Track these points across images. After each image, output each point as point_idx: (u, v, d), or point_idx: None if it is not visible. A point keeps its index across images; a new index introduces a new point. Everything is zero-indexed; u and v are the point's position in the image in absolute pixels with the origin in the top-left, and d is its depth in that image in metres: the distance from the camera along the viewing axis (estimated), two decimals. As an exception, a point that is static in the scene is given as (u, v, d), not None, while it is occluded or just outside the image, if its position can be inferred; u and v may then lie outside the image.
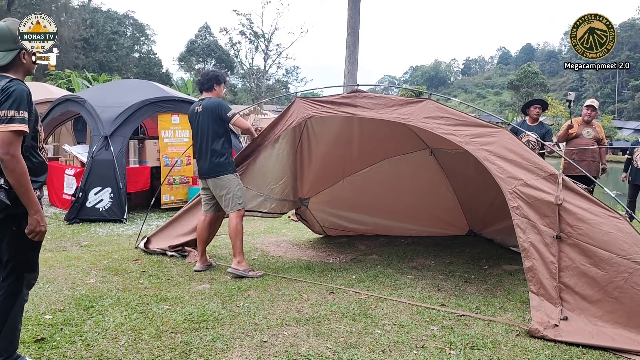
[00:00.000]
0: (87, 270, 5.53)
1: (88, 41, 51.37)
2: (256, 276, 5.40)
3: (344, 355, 3.54)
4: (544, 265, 4.09)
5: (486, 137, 4.49)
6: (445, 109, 4.77)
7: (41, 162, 3.08)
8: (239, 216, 5.49)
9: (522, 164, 4.28)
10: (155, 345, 3.63)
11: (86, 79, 27.82)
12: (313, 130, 6.61)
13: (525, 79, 63.27)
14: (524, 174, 4.25)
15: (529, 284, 4.15)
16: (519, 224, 4.21)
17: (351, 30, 18.10)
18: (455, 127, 4.64)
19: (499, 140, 4.43)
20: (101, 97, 9.57)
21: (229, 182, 5.45)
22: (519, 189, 4.23)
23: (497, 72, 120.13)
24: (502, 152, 4.37)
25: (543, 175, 4.18)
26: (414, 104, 4.91)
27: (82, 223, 8.19)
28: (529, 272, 4.15)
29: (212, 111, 5.45)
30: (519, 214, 4.22)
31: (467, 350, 3.65)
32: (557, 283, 4.02)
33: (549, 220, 4.10)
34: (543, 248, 4.11)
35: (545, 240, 4.11)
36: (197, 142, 5.58)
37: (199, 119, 5.52)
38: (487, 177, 6.56)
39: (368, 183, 7.38)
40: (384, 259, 6.42)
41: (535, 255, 4.13)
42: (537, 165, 4.24)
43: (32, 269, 3.07)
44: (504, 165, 4.33)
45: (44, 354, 3.45)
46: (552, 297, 4.03)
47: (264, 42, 61.92)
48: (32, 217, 2.87)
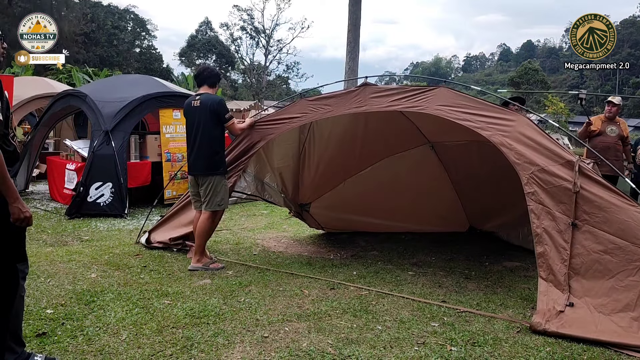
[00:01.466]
0: (88, 265, 5.53)
1: (89, 36, 51.20)
2: (217, 268, 5.48)
3: (345, 351, 3.54)
4: (556, 251, 4.09)
5: (503, 123, 4.47)
6: (460, 95, 4.74)
7: (13, 151, 2.97)
8: (213, 217, 5.52)
9: (540, 150, 4.26)
10: (157, 340, 3.64)
11: (87, 74, 27.72)
12: (317, 130, 6.61)
13: (526, 75, 63.11)
14: (541, 159, 4.22)
15: (539, 269, 4.15)
16: (534, 210, 4.20)
17: (352, 26, 18.05)
18: (471, 113, 4.61)
19: (517, 126, 4.40)
20: (102, 91, 9.56)
21: (216, 183, 5.46)
22: (536, 175, 4.21)
23: (498, 69, 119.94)
24: (520, 138, 4.34)
25: (561, 162, 4.16)
26: (427, 92, 4.87)
27: (83, 218, 8.19)
28: (540, 257, 4.14)
29: (211, 108, 5.40)
30: (534, 200, 4.21)
31: (468, 347, 3.66)
32: (567, 270, 4.01)
33: (565, 207, 4.09)
34: (556, 234, 4.10)
35: (559, 227, 4.10)
36: (192, 136, 5.53)
37: (196, 114, 5.46)
38: (489, 167, 6.56)
39: (369, 183, 7.36)
40: (385, 255, 6.42)
41: (547, 241, 4.13)
42: (555, 152, 4.22)
43: (24, 259, 3.02)
44: (522, 150, 4.30)
45: (45, 349, 3.45)
46: (560, 284, 4.02)
47: (265, 37, 61.85)
48: (12, 205, 2.77)
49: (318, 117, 5.61)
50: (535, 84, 62.10)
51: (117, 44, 55.09)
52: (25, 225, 2.86)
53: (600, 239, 3.97)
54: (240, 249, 6.57)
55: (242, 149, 5.91)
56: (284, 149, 6.61)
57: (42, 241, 6.69)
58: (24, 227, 2.89)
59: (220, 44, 64.18)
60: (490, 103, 4.69)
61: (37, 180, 11.76)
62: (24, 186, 10.42)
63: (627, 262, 3.85)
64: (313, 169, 6.96)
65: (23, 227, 2.87)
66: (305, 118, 5.62)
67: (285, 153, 6.67)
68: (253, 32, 62.14)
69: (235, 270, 5.51)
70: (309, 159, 6.89)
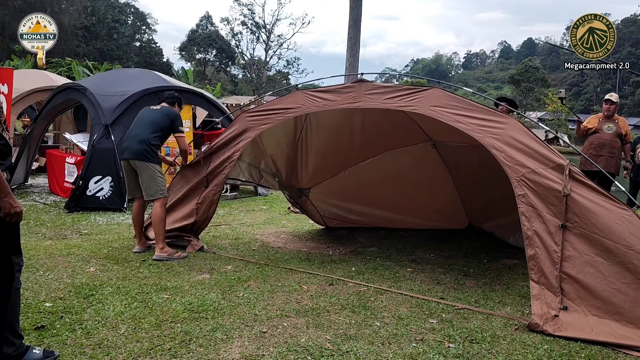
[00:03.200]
0: (87, 258, 5.54)
1: (89, 29, 51.09)
2: (181, 258, 5.61)
3: (343, 346, 3.55)
4: (547, 253, 4.09)
5: (495, 125, 4.48)
6: (453, 97, 4.75)
7: (5, 144, 2.96)
8: (162, 204, 5.72)
9: (530, 154, 4.27)
10: (155, 335, 3.64)
11: (87, 68, 27.68)
12: (315, 119, 6.61)
13: (526, 73, 63.00)
14: (532, 162, 4.23)
15: (530, 272, 4.15)
16: (524, 212, 4.21)
17: (353, 22, 18.06)
18: (463, 115, 4.62)
19: (508, 129, 4.41)
20: (102, 85, 9.54)
21: (154, 170, 5.69)
22: (527, 177, 4.22)
23: (498, 67, 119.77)
24: (510, 141, 4.35)
25: (551, 165, 4.17)
26: (421, 92, 4.88)
27: (83, 211, 8.18)
28: (531, 260, 4.15)
29: (169, 115, 5.90)
30: (524, 202, 4.22)
31: (466, 344, 3.67)
32: (558, 272, 4.02)
33: (555, 209, 4.10)
34: (547, 237, 4.11)
35: (550, 229, 4.10)
36: (135, 126, 5.88)
37: (150, 112, 5.93)
38: (489, 171, 6.56)
39: (369, 175, 7.37)
40: (384, 251, 6.43)
41: (538, 244, 4.13)
42: (545, 155, 4.22)
43: (18, 251, 3.01)
44: (512, 153, 4.31)
45: (44, 342, 3.45)
46: (552, 286, 4.03)
47: (265, 32, 61.72)
48: (2, 200, 2.76)
49: (312, 110, 5.62)
50: (535, 81, 62.03)
51: (117, 38, 54.98)
52: (15, 221, 2.84)
53: (591, 241, 3.97)
54: (239, 244, 6.58)
55: (231, 135, 5.94)
56: (278, 135, 6.63)
57: (41, 234, 6.69)
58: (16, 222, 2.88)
59: (220, 39, 64.04)
60: (483, 105, 4.70)
61: (36, 173, 11.75)
62: (24, 179, 10.41)
63: (619, 265, 3.85)
64: (312, 155, 6.99)
65: (13, 221, 2.84)
66: (299, 110, 5.63)
67: (279, 140, 6.73)
68: (254, 27, 62.03)
69: (234, 265, 5.52)
70: (307, 145, 6.91)
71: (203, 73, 61.92)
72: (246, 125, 5.87)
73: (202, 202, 6.00)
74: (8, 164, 2.99)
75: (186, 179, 6.20)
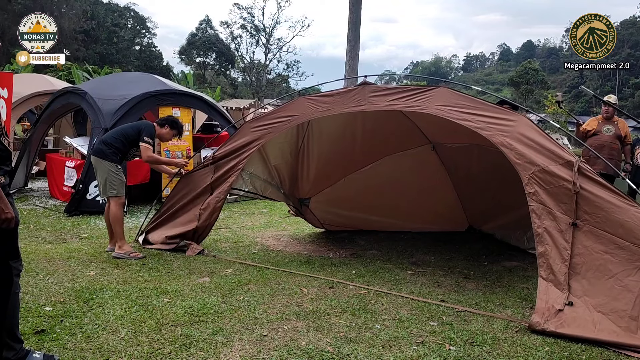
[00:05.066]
0: (87, 262, 5.53)
1: (89, 33, 51.21)
2: (137, 257, 5.69)
3: (343, 349, 3.54)
4: (557, 251, 4.09)
5: (504, 123, 4.47)
6: (460, 95, 4.75)
7: (4, 149, 2.95)
8: (117, 204, 5.89)
9: (540, 151, 4.26)
10: (155, 338, 3.64)
11: (87, 71, 27.73)
12: (317, 127, 6.60)
13: (526, 75, 63.11)
14: (542, 160, 4.23)
15: (540, 269, 4.15)
16: (535, 210, 4.21)
17: (352, 25, 18.08)
18: (471, 113, 4.61)
19: (517, 126, 4.41)
20: (102, 89, 9.53)
21: (108, 169, 5.79)
22: (537, 175, 4.22)
23: (498, 69, 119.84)
24: (520, 138, 4.35)
25: (561, 162, 4.17)
26: (427, 91, 4.87)
27: (82, 215, 8.17)
28: (540, 257, 4.15)
29: (139, 125, 6.14)
30: (535, 200, 4.22)
31: (467, 346, 3.66)
32: (567, 269, 4.01)
33: (566, 207, 4.10)
34: (557, 234, 4.11)
35: (560, 226, 4.11)
36: (107, 130, 6.29)
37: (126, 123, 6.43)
38: (488, 172, 6.58)
39: (369, 181, 7.36)
40: (384, 254, 6.43)
41: (548, 241, 4.14)
42: (555, 152, 4.22)
43: (16, 256, 3.00)
44: (522, 150, 4.31)
45: (44, 346, 3.45)
46: (560, 284, 4.03)
47: (265, 36, 61.80)
48: None
49: (316, 116, 5.61)
50: (535, 83, 62.11)
51: (117, 42, 55.10)
52: (6, 227, 2.81)
53: (601, 239, 3.97)
54: (239, 247, 6.57)
55: (236, 146, 5.94)
56: (282, 145, 6.63)
57: (41, 238, 6.69)
58: (14, 225, 2.87)
59: (220, 42, 64.18)
60: (491, 103, 4.69)
61: (36, 177, 11.75)
62: (24, 183, 10.41)
63: (628, 262, 3.85)
64: (313, 164, 6.97)
65: (3, 227, 2.81)
66: (303, 116, 5.63)
67: (283, 149, 6.70)
68: (253, 31, 62.13)
69: (234, 268, 5.51)
70: (308, 154, 6.89)
71: (203, 76, 62.02)
72: (250, 135, 5.89)
73: (206, 208, 6.01)
74: (6, 170, 2.98)
75: (191, 185, 6.20)
